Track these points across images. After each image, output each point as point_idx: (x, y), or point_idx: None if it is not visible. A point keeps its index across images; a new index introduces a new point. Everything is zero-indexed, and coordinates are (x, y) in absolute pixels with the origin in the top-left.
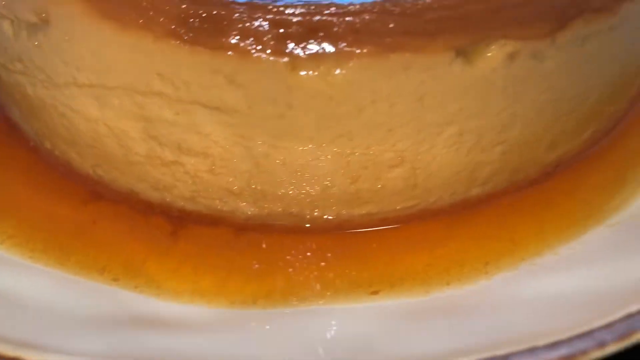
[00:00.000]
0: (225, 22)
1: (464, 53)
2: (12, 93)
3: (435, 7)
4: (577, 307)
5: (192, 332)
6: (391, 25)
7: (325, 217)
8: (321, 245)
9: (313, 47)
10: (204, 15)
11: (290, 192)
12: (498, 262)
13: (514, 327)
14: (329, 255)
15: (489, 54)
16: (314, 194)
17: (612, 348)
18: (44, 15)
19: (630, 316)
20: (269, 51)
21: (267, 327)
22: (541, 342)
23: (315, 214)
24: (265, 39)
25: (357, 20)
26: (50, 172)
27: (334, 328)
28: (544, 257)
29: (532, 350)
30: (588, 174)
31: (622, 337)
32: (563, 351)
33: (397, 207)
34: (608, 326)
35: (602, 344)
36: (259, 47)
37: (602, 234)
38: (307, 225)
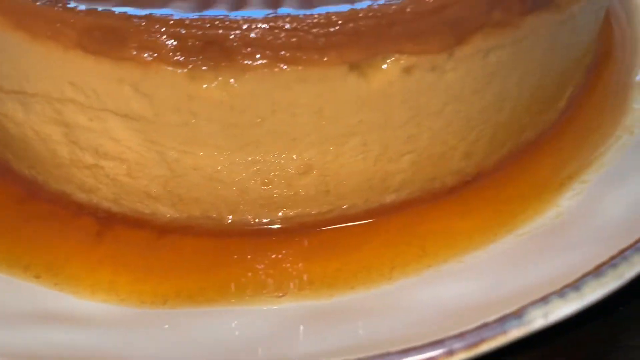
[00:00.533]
0: (126, 34)
1: (358, 67)
2: None
3: (325, 22)
4: (454, 314)
5: (98, 330)
6: (284, 40)
7: (243, 220)
8: (238, 248)
9: (210, 60)
10: (106, 27)
11: (206, 197)
12: (405, 268)
13: (391, 331)
14: (245, 257)
15: (384, 68)
16: (229, 198)
17: (461, 356)
18: None
19: (484, 326)
20: (168, 62)
21: (166, 326)
22: (394, 348)
23: (234, 217)
24: (164, 50)
25: (252, 35)
26: None
27: (234, 329)
28: (449, 265)
29: (384, 355)
30: (507, 184)
31: (471, 346)
32: (412, 358)
33: (313, 212)
34: (460, 335)
35: (450, 352)
36: (159, 58)
37: (509, 243)
38: (226, 228)
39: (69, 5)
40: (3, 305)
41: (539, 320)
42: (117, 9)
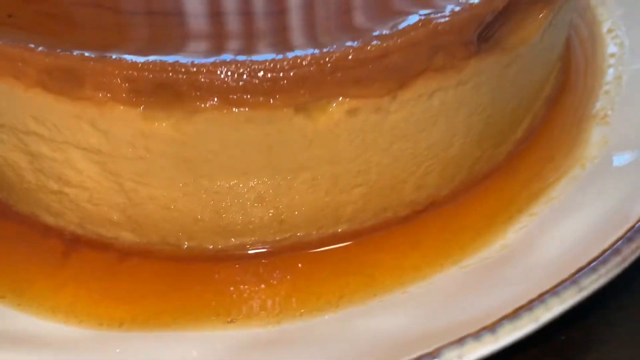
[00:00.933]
0: (83, 75)
1: (304, 109)
2: None
3: (270, 67)
4: (384, 349)
5: (54, 352)
6: (231, 84)
7: (200, 247)
8: (194, 273)
9: (162, 101)
10: (65, 68)
11: (164, 224)
12: (352, 296)
13: None
14: (199, 283)
15: (330, 110)
16: (186, 226)
17: None
18: None
19: None
20: (121, 102)
21: (118, 350)
22: None
23: (191, 243)
24: (118, 91)
25: (200, 78)
26: None
27: (184, 354)
28: (394, 295)
29: None
30: (458, 215)
31: None
32: None
33: (269, 240)
34: None
35: None
36: (113, 98)
37: (453, 275)
38: (185, 253)
39: (30, 45)
40: None
41: None
42: (75, 51)
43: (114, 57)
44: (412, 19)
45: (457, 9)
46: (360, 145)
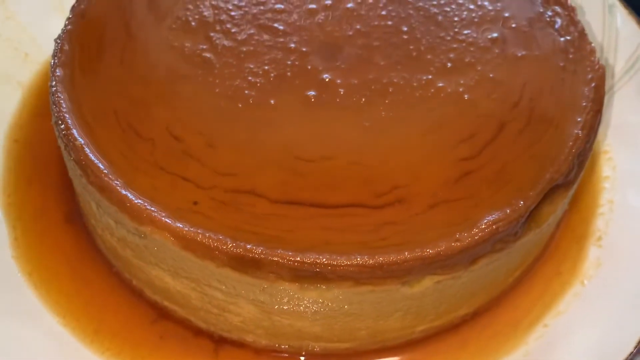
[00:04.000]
0: (260, 263)
1: (408, 283)
2: (103, 240)
3: (390, 263)
4: None
5: None
6: (364, 274)
7: (316, 349)
8: None
9: (313, 281)
10: (249, 257)
11: (292, 337)
12: None
13: None
14: None
15: (424, 282)
16: (309, 338)
17: None
18: (142, 235)
19: None
20: (286, 280)
21: None
22: None
23: (309, 347)
24: (285, 274)
25: (342, 269)
26: (127, 294)
27: None
28: None
29: None
30: (492, 323)
31: None
32: None
33: (364, 347)
34: None
35: None
36: (281, 278)
37: None
38: (303, 354)
39: (221, 238)
40: None
41: None
42: (255, 247)
43: (284, 252)
44: (482, 223)
45: (510, 211)
46: (438, 297)
